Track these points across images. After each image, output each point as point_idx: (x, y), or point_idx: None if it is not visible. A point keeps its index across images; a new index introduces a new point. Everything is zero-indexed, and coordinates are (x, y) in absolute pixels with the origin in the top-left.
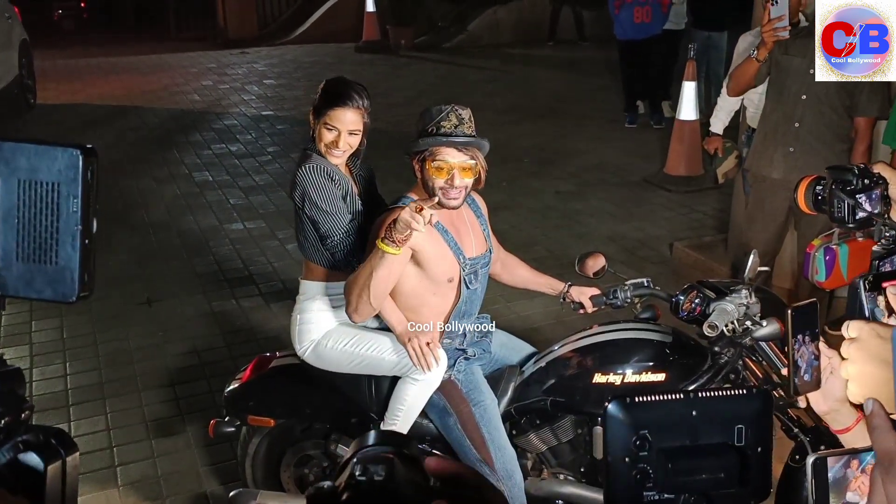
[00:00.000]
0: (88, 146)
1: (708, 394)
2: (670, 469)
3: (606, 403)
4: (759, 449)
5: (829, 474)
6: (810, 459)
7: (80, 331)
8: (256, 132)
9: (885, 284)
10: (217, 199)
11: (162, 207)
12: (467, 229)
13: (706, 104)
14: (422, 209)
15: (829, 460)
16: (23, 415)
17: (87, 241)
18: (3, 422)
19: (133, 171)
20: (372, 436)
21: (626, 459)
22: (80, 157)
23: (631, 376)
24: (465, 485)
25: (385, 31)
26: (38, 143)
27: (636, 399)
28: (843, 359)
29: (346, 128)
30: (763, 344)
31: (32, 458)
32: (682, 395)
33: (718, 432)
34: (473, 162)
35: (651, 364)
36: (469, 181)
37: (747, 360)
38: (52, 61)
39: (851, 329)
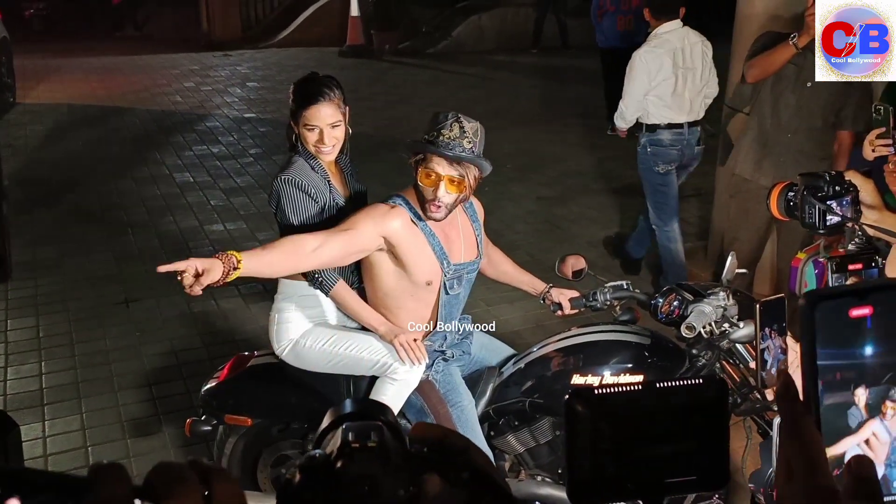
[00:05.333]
0: None
1: (665, 384)
2: (629, 459)
3: (566, 397)
4: (716, 438)
5: None
6: (777, 421)
7: (57, 330)
8: (238, 134)
9: (851, 268)
10: (198, 201)
11: (142, 208)
12: (458, 235)
13: None
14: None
15: None
16: None
17: None
18: None
19: (113, 172)
20: (349, 404)
21: (586, 451)
22: None
23: (609, 378)
24: (451, 450)
25: (369, 36)
26: None
27: (595, 391)
28: (797, 341)
29: (325, 122)
30: (740, 346)
31: None
32: (639, 386)
33: (676, 421)
34: (462, 177)
35: (629, 366)
36: (453, 196)
37: (725, 363)
38: (31, 61)
39: None
